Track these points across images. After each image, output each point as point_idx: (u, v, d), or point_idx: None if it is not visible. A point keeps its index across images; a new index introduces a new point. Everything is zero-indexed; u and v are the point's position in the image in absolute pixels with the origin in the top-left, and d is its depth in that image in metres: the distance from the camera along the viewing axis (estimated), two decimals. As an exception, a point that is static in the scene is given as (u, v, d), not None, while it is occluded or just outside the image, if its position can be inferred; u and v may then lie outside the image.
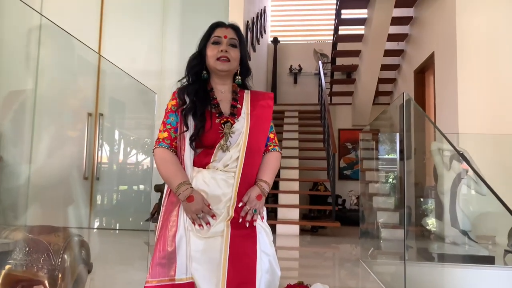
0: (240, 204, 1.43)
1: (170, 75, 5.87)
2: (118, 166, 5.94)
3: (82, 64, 4.94)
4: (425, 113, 5.17)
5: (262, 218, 1.51)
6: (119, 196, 5.96)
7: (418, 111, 3.89)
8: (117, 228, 5.68)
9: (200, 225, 1.41)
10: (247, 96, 1.60)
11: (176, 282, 1.34)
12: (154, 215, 4.95)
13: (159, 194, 5.43)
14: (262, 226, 1.48)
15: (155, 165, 1.55)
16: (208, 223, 1.41)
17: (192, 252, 1.38)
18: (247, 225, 1.43)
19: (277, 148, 1.62)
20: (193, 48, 1.63)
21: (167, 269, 1.36)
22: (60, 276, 1.59)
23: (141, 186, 6.11)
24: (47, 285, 1.58)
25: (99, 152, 5.39)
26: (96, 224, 5.33)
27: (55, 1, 5.91)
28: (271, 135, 1.62)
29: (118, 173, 5.95)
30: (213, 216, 1.42)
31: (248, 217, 1.43)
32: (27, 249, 1.60)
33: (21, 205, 2.91)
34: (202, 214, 1.40)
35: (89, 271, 1.77)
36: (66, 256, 1.63)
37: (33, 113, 3.94)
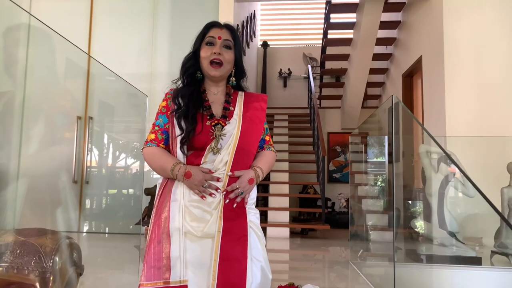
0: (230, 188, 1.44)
1: (160, 78, 5.85)
2: (108, 170, 5.91)
3: (71, 67, 4.91)
4: (413, 116, 5.24)
5: (245, 203, 1.49)
6: (109, 200, 5.92)
7: (407, 114, 3.95)
8: (107, 232, 5.64)
9: (211, 194, 1.41)
10: (240, 98, 1.59)
11: (171, 285, 1.33)
12: (144, 219, 4.93)
13: (149, 197, 5.41)
14: (254, 230, 1.47)
15: (146, 169, 1.56)
16: (217, 188, 1.42)
17: (185, 255, 1.37)
18: (234, 206, 1.44)
19: (272, 148, 1.63)
20: (183, 51, 1.62)
21: (162, 272, 1.34)
22: (51, 278, 1.58)
23: (131, 190, 6.08)
24: (38, 287, 1.57)
25: (89, 156, 5.35)
26: (86, 228, 5.29)
27: (43, 4, 5.87)
28: (266, 137, 1.63)
29: (107, 177, 5.91)
30: (218, 179, 1.42)
31: (232, 195, 1.43)
32: (17, 251, 1.59)
33: (9, 208, 2.88)
34: (207, 183, 1.41)
35: (80, 274, 1.76)
36: (57, 259, 1.62)
37: (21, 116, 3.90)
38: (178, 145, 1.47)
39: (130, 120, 6.03)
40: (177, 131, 1.47)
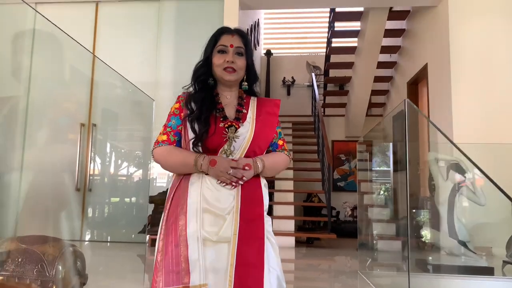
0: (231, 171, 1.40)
1: (165, 86, 5.83)
2: (110, 178, 5.85)
3: (75, 75, 4.89)
4: (428, 119, 5.16)
5: (240, 179, 1.44)
6: (111, 208, 5.85)
7: (412, 121, 3.89)
8: (109, 240, 5.57)
9: (238, 180, 1.40)
10: (253, 102, 1.59)
11: None
12: (148, 227, 4.87)
13: (152, 206, 5.35)
14: (268, 237, 1.43)
15: (151, 176, 1.52)
16: (243, 176, 1.40)
17: (205, 260, 1.33)
18: (223, 185, 1.41)
19: (286, 152, 1.59)
20: (188, 60, 1.62)
21: (181, 276, 1.30)
22: (54, 288, 1.52)
23: (133, 198, 6.02)
24: (40, 297, 1.51)
25: (92, 163, 5.30)
26: (88, 237, 5.22)
27: (48, 13, 5.87)
28: (279, 142, 1.59)
29: (110, 185, 5.85)
30: (244, 167, 1.40)
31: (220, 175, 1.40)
32: (19, 259, 1.53)
33: (11, 215, 2.83)
34: (232, 170, 1.38)
35: (84, 283, 1.70)
36: (60, 267, 1.56)
37: (25, 122, 3.87)
38: (191, 146, 1.44)
39: (133, 128, 6.00)
40: (190, 134, 1.45)
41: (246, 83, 1.56)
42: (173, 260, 1.32)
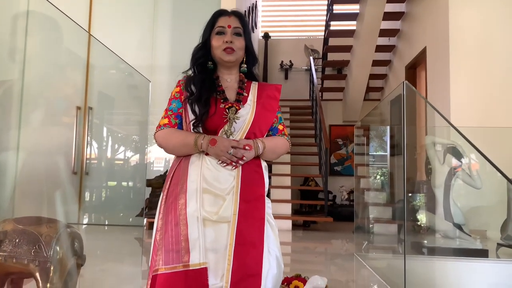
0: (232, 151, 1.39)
1: (161, 70, 5.78)
2: (107, 162, 5.84)
3: (70, 57, 4.83)
4: (426, 100, 5.15)
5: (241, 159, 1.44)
6: (109, 191, 5.86)
7: (409, 105, 3.88)
8: (106, 223, 5.59)
9: (238, 160, 1.39)
10: (254, 86, 1.59)
11: (191, 268, 1.28)
12: (146, 210, 4.88)
13: (150, 189, 5.35)
14: (268, 220, 1.43)
15: (148, 160, 1.51)
16: (243, 156, 1.39)
17: (205, 240, 1.33)
18: (224, 165, 1.41)
19: (286, 137, 1.59)
20: (184, 43, 1.60)
21: (181, 255, 1.29)
22: (52, 268, 1.52)
23: (130, 182, 6.03)
24: (38, 277, 1.51)
25: (88, 147, 5.28)
26: (85, 220, 5.24)
27: (42, -6, 5.76)
28: (280, 126, 1.59)
29: (107, 169, 5.85)
30: (244, 147, 1.40)
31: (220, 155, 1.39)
32: (16, 240, 1.53)
33: (6, 199, 2.82)
34: (232, 150, 1.38)
35: (81, 264, 1.70)
36: (58, 248, 1.56)
37: (20, 105, 3.83)
38: (191, 127, 1.45)
39: (130, 112, 5.97)
40: (191, 116, 1.46)
41: (245, 65, 1.56)
42: (173, 239, 1.32)
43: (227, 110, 1.45)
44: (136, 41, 5.84)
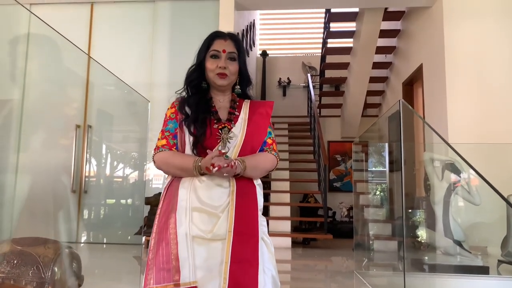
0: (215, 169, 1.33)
1: (160, 87, 5.81)
2: (106, 179, 5.83)
3: (70, 76, 4.87)
4: (423, 119, 5.18)
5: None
6: (107, 209, 5.83)
7: (407, 121, 3.91)
8: (105, 242, 5.55)
9: (229, 165, 1.32)
10: (246, 104, 1.60)
11: (181, 287, 1.29)
12: (144, 228, 4.85)
13: (148, 207, 5.33)
14: (263, 238, 1.43)
15: (147, 178, 1.52)
16: (230, 164, 1.32)
17: (195, 258, 1.33)
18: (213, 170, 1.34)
19: (273, 153, 1.57)
20: (183, 60, 1.62)
21: (172, 274, 1.30)
22: (50, 289, 1.51)
23: (129, 200, 6.00)
24: (36, 299, 1.50)
25: (87, 165, 5.28)
26: (84, 238, 5.20)
27: (42, 14, 5.84)
28: (269, 140, 1.57)
29: (106, 187, 5.83)
30: (219, 152, 1.36)
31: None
32: (15, 261, 1.52)
33: (6, 218, 2.81)
34: (216, 160, 1.32)
35: (80, 285, 1.69)
36: (56, 269, 1.55)
37: (20, 124, 3.85)
38: (190, 147, 1.46)
39: (129, 129, 5.98)
40: (187, 137, 1.48)
41: (238, 87, 1.58)
42: (164, 258, 1.33)
43: (220, 130, 1.48)
44: (135, 59, 5.88)
